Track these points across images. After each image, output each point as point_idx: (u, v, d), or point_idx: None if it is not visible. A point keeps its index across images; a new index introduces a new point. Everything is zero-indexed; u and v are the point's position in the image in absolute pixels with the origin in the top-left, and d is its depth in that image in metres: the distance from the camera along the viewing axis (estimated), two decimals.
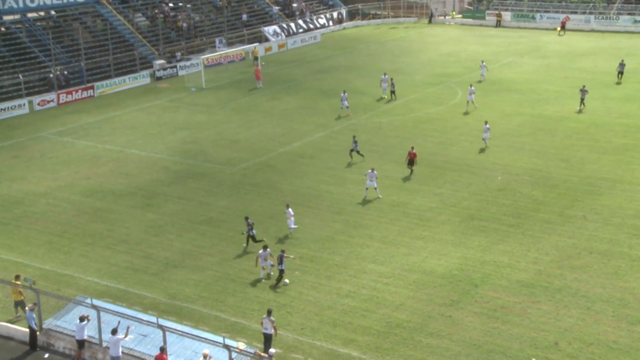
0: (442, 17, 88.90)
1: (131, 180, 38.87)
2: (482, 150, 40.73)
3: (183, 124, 48.96)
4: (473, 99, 49.52)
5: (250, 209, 34.50)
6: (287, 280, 27.91)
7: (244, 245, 30.89)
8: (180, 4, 74.77)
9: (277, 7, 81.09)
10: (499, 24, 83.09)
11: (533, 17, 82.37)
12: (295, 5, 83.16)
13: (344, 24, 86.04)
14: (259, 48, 68.07)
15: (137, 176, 39.39)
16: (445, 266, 28.78)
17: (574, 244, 30.22)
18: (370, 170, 35.32)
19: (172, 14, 72.59)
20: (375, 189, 35.19)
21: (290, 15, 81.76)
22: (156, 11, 71.77)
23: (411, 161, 37.90)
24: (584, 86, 48.43)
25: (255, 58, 66.39)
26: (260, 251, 28.31)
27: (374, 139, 44.08)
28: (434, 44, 73.97)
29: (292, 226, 31.68)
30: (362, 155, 40.28)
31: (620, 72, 54.79)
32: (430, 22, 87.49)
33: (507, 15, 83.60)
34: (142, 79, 61.35)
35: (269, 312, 23.53)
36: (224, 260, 29.86)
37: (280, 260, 27.71)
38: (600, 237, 30.76)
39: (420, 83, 57.56)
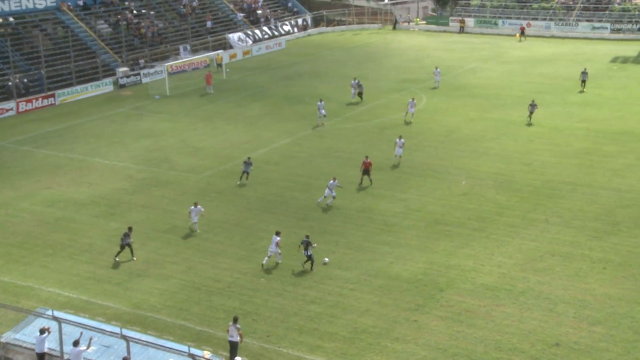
0: (407, 24, 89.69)
1: (94, 189, 38.43)
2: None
3: (147, 131, 48.59)
4: (413, 112, 48.23)
5: (214, 217, 34.32)
6: (326, 259, 29.68)
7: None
8: (144, 11, 74.24)
9: (241, 14, 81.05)
10: (462, 30, 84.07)
11: (495, 24, 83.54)
12: (259, 12, 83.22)
13: (309, 31, 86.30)
14: (223, 55, 67.92)
15: (100, 185, 38.97)
16: (410, 271, 28.94)
17: (537, 247, 30.63)
18: (332, 180, 35.22)
19: (135, 21, 72.03)
20: (326, 198, 34.50)
21: (255, 22, 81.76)
22: (119, 18, 71.14)
23: (366, 170, 37.36)
24: (532, 101, 48.57)
25: (219, 65, 66.23)
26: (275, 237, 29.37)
27: (339, 144, 44.20)
28: (399, 50, 74.49)
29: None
30: (246, 174, 38.23)
31: (583, 81, 55.47)
32: (394, 28, 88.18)
33: (470, 22, 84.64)
34: (104, 86, 60.78)
35: (235, 320, 23.42)
36: (188, 269, 29.67)
37: (306, 247, 28.65)
38: (562, 240, 31.23)
39: (385, 89, 57.91)
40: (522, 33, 78.75)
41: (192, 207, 32.98)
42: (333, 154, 42.53)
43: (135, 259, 30.42)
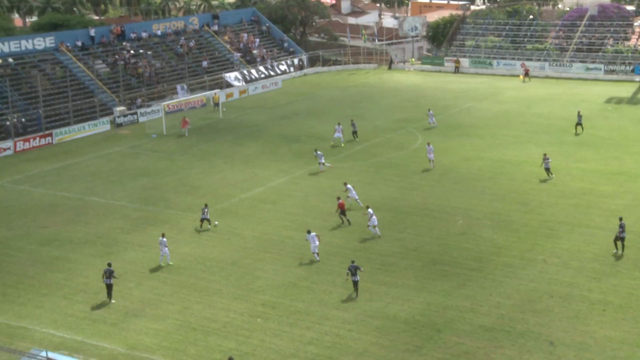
0: (402, 64, 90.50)
1: (90, 228, 38.28)
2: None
3: (144, 170, 48.61)
4: (432, 158, 46.95)
5: (211, 256, 34.16)
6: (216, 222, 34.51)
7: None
8: (141, 51, 74.90)
9: (238, 54, 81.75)
10: (457, 70, 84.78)
11: (490, 64, 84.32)
12: (255, 52, 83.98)
13: (305, 70, 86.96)
14: (220, 94, 68.29)
15: (97, 224, 38.82)
16: (408, 311, 28.73)
17: (535, 288, 30.47)
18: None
19: (132, 60, 72.63)
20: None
21: (251, 62, 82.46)
22: (116, 58, 71.76)
23: (343, 211, 37.44)
24: (544, 155, 45.23)
25: (216, 104, 66.55)
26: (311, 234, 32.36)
27: (336, 184, 44.21)
28: (394, 90, 75.07)
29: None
30: (207, 222, 37.71)
31: (579, 124, 55.59)
32: (390, 68, 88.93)
33: (465, 62, 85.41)
34: (102, 125, 60.96)
35: None
36: (184, 308, 29.41)
37: (354, 272, 29.35)
38: (561, 281, 31.08)
39: (382, 128, 58.19)
40: (527, 74, 79.23)
41: (161, 238, 33.30)
42: (330, 193, 42.53)
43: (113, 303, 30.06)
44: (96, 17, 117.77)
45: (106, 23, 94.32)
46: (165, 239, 33.65)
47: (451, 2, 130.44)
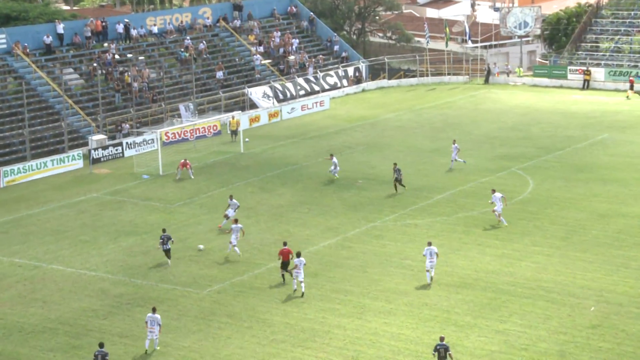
0: (505, 75, 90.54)
1: (50, 309, 38.65)
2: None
3: (130, 226, 49.13)
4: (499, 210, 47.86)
5: (224, 352, 34.17)
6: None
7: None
8: (130, 55, 76.20)
9: (267, 61, 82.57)
10: (587, 85, 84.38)
11: (638, 76, 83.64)
12: (293, 58, 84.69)
13: (364, 85, 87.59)
14: (240, 118, 68.87)
15: (59, 304, 39.19)
16: None
17: None
18: None
19: (117, 69, 73.82)
20: None
21: (287, 72, 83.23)
22: (94, 65, 72.98)
23: (284, 263, 39.79)
24: None
25: (234, 132, 67.18)
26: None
27: (406, 249, 44.02)
28: (493, 114, 74.93)
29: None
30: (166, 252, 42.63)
31: None
32: (487, 82, 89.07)
33: (599, 73, 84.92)
34: (71, 162, 61.91)
35: None
36: None
37: (444, 354, 31.14)
38: None
39: (474, 169, 57.98)
40: (632, 87, 79.07)
41: (151, 314, 33.81)
42: (397, 262, 42.31)
43: None
44: (66, 7, 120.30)
45: (81, 15, 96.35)
46: (158, 316, 34.02)
47: None
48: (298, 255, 39.37)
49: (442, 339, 31.72)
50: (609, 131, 67.57)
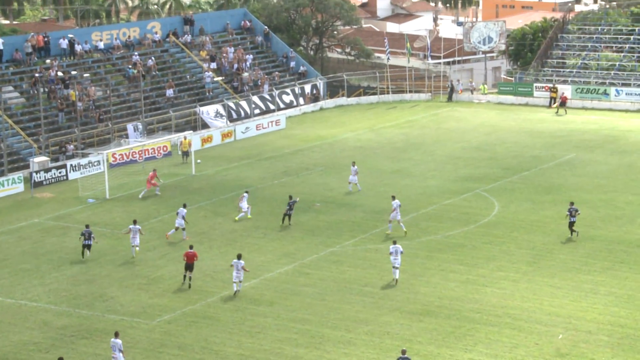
0: (469, 93, 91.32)
1: None
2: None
3: (74, 254, 48.87)
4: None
5: None
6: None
7: None
8: (74, 72, 75.99)
9: (220, 78, 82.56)
10: (554, 103, 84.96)
11: (606, 93, 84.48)
12: (246, 74, 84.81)
13: (322, 103, 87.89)
14: (192, 138, 68.79)
15: None
16: None
17: None
18: None
19: (60, 87, 73.59)
20: None
21: (240, 90, 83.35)
22: (36, 82, 72.67)
23: (189, 265, 42.97)
24: None
25: (186, 153, 67.14)
26: None
27: (367, 276, 44.24)
28: (457, 133, 75.46)
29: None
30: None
31: None
32: (450, 99, 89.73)
33: (566, 90, 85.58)
34: (10, 185, 61.52)
35: None
36: None
37: None
38: None
39: (437, 191, 58.36)
40: (563, 104, 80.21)
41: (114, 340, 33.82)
42: (357, 289, 42.47)
43: None
44: (6, 22, 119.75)
45: (21, 30, 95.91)
46: (119, 341, 34.70)
47: (543, 0, 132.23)
48: (239, 257, 42.66)
49: (404, 352, 32.12)
50: (576, 151, 68.30)
